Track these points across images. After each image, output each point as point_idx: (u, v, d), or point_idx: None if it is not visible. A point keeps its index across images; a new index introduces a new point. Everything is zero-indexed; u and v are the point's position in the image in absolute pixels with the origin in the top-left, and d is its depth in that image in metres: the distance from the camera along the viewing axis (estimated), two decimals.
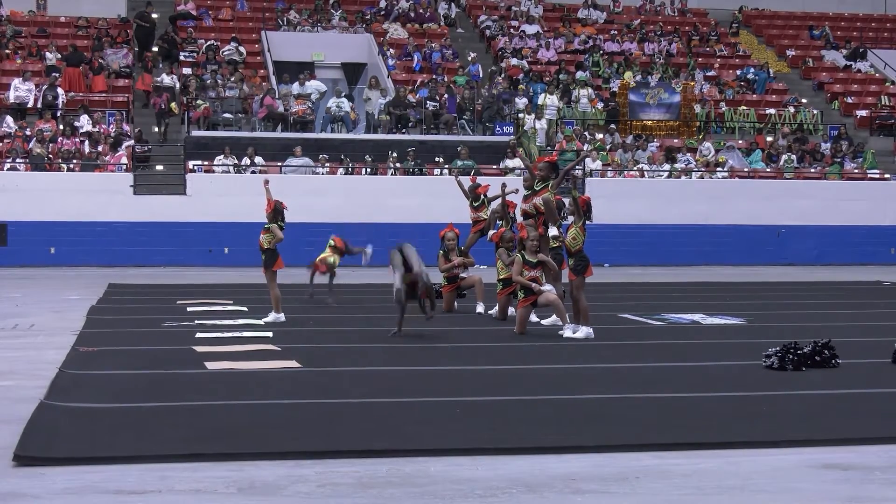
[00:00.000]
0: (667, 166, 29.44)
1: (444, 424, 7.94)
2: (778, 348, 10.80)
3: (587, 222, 12.92)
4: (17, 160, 26.30)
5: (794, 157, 30.61)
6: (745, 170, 30.22)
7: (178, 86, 29.43)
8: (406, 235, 19.03)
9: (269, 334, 12.97)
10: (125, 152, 26.92)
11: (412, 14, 35.82)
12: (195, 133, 27.93)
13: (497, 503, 6.05)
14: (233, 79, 29.30)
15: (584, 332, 12.89)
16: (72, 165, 26.58)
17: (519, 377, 10.33)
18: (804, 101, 34.23)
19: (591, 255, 13.00)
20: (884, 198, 29.63)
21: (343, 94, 29.57)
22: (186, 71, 30.53)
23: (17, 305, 16.78)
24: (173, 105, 28.53)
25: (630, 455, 7.10)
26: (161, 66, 30.90)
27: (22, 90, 28.60)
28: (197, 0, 34.68)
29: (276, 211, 14.36)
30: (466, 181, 17.97)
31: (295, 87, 29.61)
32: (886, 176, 30.89)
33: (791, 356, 10.64)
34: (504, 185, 16.60)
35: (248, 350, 11.67)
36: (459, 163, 27.88)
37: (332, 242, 17.32)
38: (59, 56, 30.33)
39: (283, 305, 14.55)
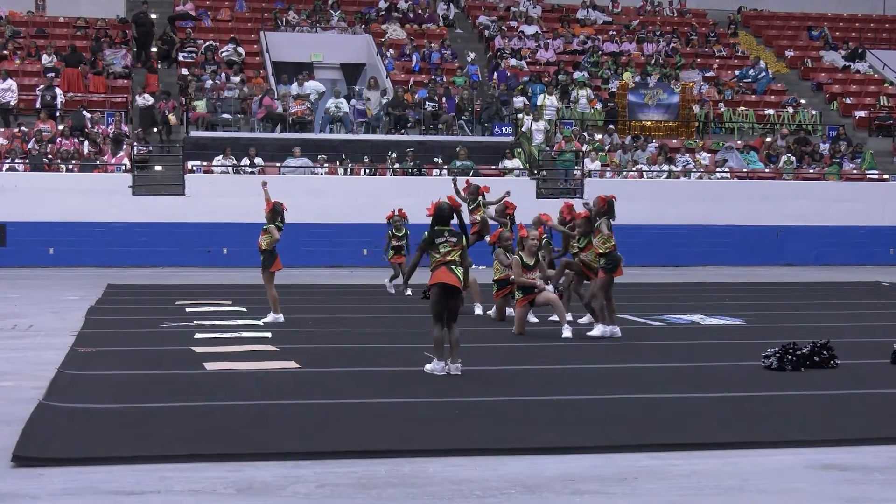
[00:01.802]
0: (666, 167, 29.44)
1: (442, 425, 7.94)
2: (777, 349, 10.81)
3: (612, 221, 12.97)
4: (17, 160, 26.29)
5: (793, 157, 30.61)
6: (745, 170, 30.23)
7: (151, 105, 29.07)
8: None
9: (268, 335, 12.97)
10: (125, 153, 26.92)
11: (411, 14, 35.82)
12: (194, 133, 27.93)
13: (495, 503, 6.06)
14: (237, 79, 29.29)
15: (599, 330, 13.00)
16: (71, 166, 26.57)
17: (517, 378, 10.33)
18: (803, 101, 34.23)
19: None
20: (882, 198, 29.63)
21: (343, 95, 29.56)
22: (184, 71, 30.55)
23: (16, 306, 16.76)
24: (171, 117, 28.42)
25: (629, 455, 7.10)
26: (162, 66, 30.90)
27: None
28: (196, 1, 34.68)
29: (275, 211, 14.34)
30: (463, 183, 17.96)
31: (294, 88, 29.60)
32: (885, 176, 30.87)
33: (790, 357, 10.65)
34: (508, 193, 16.66)
35: (246, 350, 11.67)
36: (458, 163, 27.88)
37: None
38: (58, 56, 30.31)
39: (281, 306, 14.55)
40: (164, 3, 34.31)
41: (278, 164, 27.51)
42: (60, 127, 27.46)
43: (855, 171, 30.90)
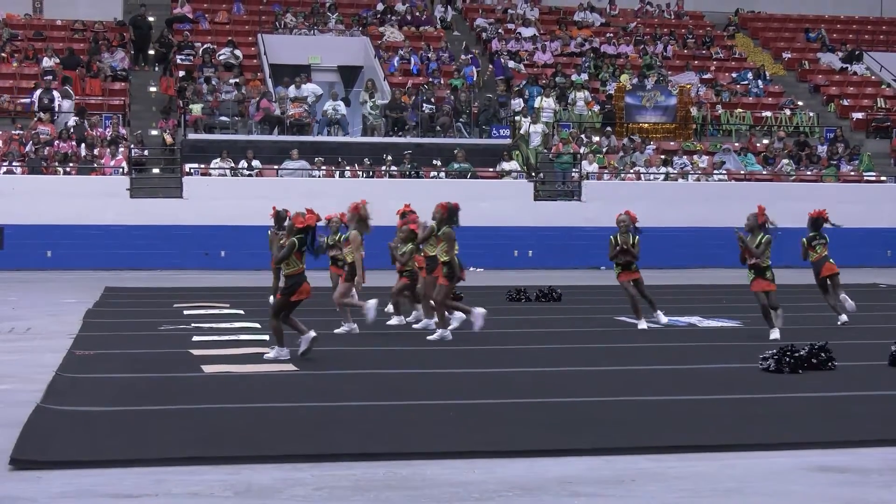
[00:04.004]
0: (664, 169, 29.45)
1: (440, 427, 7.94)
2: (774, 351, 10.81)
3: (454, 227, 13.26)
4: (14, 163, 26.27)
5: (792, 162, 30.60)
6: (742, 172, 30.23)
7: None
8: None
9: (266, 337, 12.96)
10: (122, 155, 26.90)
11: (408, 17, 35.82)
12: (191, 136, 27.92)
13: None
14: (234, 81, 29.28)
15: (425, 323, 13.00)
16: (68, 168, 26.56)
17: (514, 380, 10.33)
18: (800, 103, 34.25)
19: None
20: (880, 200, 29.63)
21: (341, 97, 29.56)
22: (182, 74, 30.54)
23: (13, 309, 16.75)
24: (167, 137, 28.38)
25: (626, 458, 7.10)
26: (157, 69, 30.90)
27: None
28: (193, 3, 34.67)
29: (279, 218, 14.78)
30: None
31: (291, 90, 29.60)
32: (882, 178, 30.90)
33: (788, 359, 10.65)
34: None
35: (244, 353, 11.68)
36: (456, 165, 27.89)
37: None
38: (56, 59, 30.29)
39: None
40: (162, 6, 34.30)
41: (276, 167, 27.50)
42: (58, 130, 27.44)
43: (852, 173, 30.92)
